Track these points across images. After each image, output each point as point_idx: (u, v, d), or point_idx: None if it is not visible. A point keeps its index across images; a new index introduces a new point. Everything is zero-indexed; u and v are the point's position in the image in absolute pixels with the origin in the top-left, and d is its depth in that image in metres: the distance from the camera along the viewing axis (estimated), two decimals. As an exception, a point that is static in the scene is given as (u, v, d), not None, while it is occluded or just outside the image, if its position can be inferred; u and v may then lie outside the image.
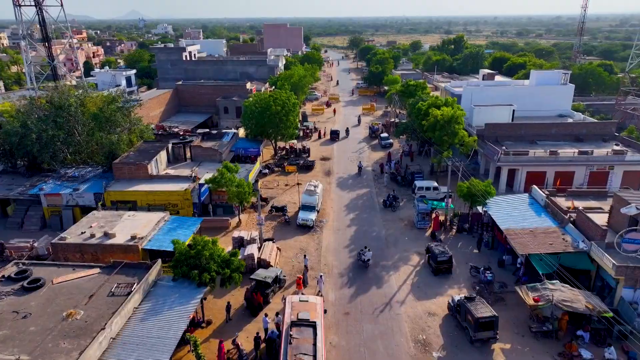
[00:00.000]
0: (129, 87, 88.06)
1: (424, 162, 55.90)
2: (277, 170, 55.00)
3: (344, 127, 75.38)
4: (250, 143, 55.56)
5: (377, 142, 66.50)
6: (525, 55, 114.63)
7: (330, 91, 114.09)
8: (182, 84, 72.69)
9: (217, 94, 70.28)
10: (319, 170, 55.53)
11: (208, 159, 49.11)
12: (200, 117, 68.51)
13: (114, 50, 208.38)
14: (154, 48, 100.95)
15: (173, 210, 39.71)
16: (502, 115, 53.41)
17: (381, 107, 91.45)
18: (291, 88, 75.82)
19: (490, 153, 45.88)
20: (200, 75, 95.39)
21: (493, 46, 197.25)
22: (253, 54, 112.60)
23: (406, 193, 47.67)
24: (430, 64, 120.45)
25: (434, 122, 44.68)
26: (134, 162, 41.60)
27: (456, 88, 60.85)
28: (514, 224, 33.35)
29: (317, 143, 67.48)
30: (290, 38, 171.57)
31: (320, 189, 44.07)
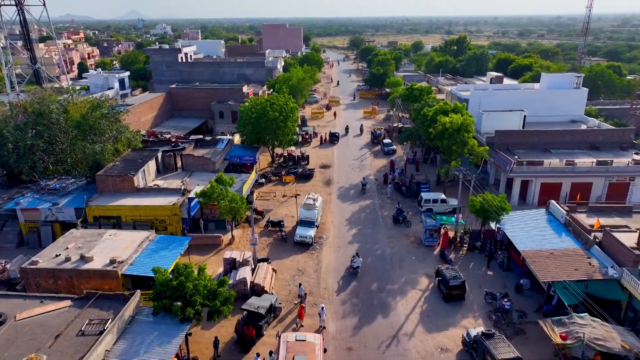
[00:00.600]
0: (122, 89, 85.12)
1: (430, 170, 52.89)
2: (274, 179, 51.99)
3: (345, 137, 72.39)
4: (246, 150, 52.54)
5: (380, 149, 63.47)
6: (531, 57, 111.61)
7: (331, 93, 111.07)
8: (175, 87, 69.71)
9: (212, 98, 67.29)
10: (319, 179, 52.51)
11: (200, 168, 46.11)
12: (194, 122, 65.50)
13: (111, 51, 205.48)
14: (149, 49, 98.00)
15: (161, 226, 36.76)
16: (512, 121, 50.41)
17: (383, 111, 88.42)
18: (290, 91, 72.95)
19: (502, 163, 42.87)
20: (196, 78, 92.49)
21: (495, 47, 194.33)
22: (251, 56, 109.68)
23: (411, 205, 44.65)
24: (433, 66, 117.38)
25: (441, 130, 41.67)
26: (118, 174, 38.57)
27: (463, 92, 57.85)
28: (533, 244, 30.35)
29: (317, 149, 64.45)
30: (290, 38, 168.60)
31: (320, 202, 41.06)
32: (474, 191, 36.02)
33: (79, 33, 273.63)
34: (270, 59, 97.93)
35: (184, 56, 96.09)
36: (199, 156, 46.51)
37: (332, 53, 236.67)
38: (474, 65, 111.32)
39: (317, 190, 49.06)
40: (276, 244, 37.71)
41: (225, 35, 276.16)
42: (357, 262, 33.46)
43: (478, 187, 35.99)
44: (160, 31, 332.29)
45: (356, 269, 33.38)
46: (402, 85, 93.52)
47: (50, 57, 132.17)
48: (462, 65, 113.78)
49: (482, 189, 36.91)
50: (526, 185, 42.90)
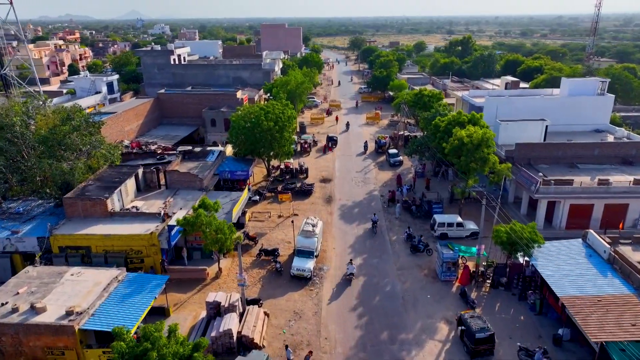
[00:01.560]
0: (110, 93, 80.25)
1: (441, 186, 48.00)
2: (269, 195, 47.09)
3: (346, 138, 67.52)
4: (239, 164, 47.66)
5: (385, 159, 58.58)
6: (541, 58, 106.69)
7: (331, 96, 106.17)
8: (164, 92, 64.83)
9: (203, 104, 62.40)
10: (319, 195, 47.61)
11: (186, 185, 41.22)
12: (184, 130, 60.59)
13: (106, 52, 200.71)
14: (139, 51, 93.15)
15: (137, 258, 31.88)
16: (533, 132, 45.53)
17: (386, 115, 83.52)
18: (288, 96, 68.09)
19: (526, 182, 37.97)
20: (190, 81, 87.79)
21: (499, 47, 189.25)
22: (248, 57, 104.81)
23: (422, 228, 39.78)
24: (438, 67, 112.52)
25: (458, 146, 36.75)
26: (89, 197, 33.67)
27: (477, 99, 52.91)
28: (573, 287, 25.49)
29: (317, 159, 59.52)
30: (289, 39, 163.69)
31: (320, 228, 36.16)
32: (498, 219, 31.11)
33: (74, 33, 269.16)
34: (267, 60, 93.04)
35: (177, 58, 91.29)
36: (185, 172, 41.62)
37: (332, 53, 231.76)
38: (481, 67, 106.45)
39: (317, 209, 44.22)
40: (269, 278, 32.83)
41: (224, 35, 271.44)
42: (351, 269, 32.73)
43: (503, 213, 31.09)
44: (158, 31, 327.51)
45: (350, 276, 32.61)
46: (407, 88, 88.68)
47: (40, 59, 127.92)
48: (468, 67, 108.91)
49: (506, 215, 32.07)
50: (552, 207, 38.01)
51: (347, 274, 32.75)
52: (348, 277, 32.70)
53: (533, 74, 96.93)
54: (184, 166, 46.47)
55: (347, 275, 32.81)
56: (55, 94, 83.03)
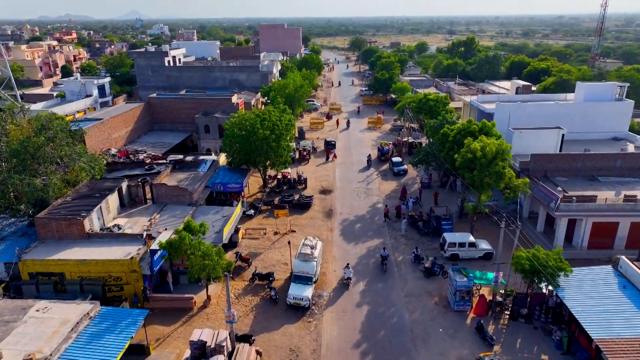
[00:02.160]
0: (102, 97, 77.14)
1: (450, 198, 44.84)
2: (265, 209, 43.89)
3: (347, 144, 64.37)
4: (233, 175, 44.48)
5: (388, 167, 55.38)
6: (547, 60, 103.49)
7: (331, 99, 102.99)
8: (156, 96, 61.59)
9: (197, 109, 59.21)
10: (318, 208, 44.43)
11: (175, 200, 38.08)
12: (176, 136, 57.39)
13: (103, 52, 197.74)
14: (133, 52, 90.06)
15: (116, 286, 28.74)
16: (548, 141, 42.38)
17: (388, 119, 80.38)
18: (286, 100, 64.98)
19: (544, 197, 34.78)
20: (185, 83, 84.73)
21: (502, 48, 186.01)
22: (245, 59, 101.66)
23: (431, 247, 36.63)
24: (441, 69, 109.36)
25: (470, 159, 33.56)
26: (64, 217, 30.52)
27: (486, 104, 49.68)
28: (607, 326, 22.36)
29: (317, 167, 56.33)
30: (288, 39, 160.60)
31: (319, 249, 32.95)
32: (518, 243, 27.92)
33: (71, 33, 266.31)
34: (265, 62, 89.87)
35: (172, 60, 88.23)
36: (173, 186, 38.43)
37: (332, 54, 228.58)
38: (485, 68, 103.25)
39: (316, 224, 41.04)
40: (263, 307, 29.64)
41: (223, 35, 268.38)
42: (348, 273, 32.24)
43: (523, 237, 27.90)
44: (157, 31, 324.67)
45: (347, 281, 32.05)
46: (410, 91, 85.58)
47: (32, 60, 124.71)
48: (472, 69, 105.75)
49: (526, 237, 28.88)
50: (573, 224, 34.84)
51: (345, 279, 32.22)
52: (345, 282, 32.13)
53: (540, 76, 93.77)
54: (174, 177, 43.43)
55: (344, 279, 32.26)
56: (45, 97, 79.93)
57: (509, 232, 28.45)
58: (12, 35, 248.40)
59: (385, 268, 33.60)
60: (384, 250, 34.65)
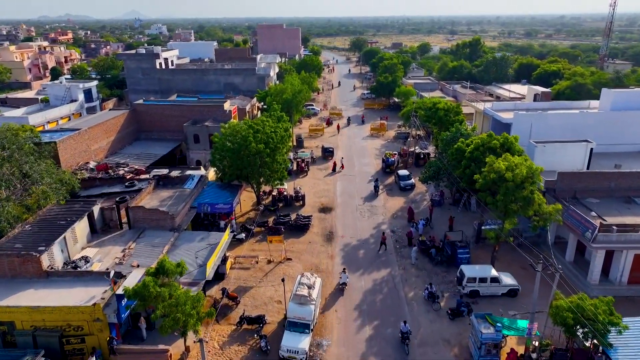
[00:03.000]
0: (88, 101, 72.87)
1: (464, 217, 40.27)
2: (258, 231, 39.32)
3: (348, 153, 59.82)
4: (222, 193, 39.94)
5: (394, 181, 50.82)
6: (557, 62, 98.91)
7: (332, 102, 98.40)
8: (142, 103, 56.98)
9: (186, 117, 54.62)
10: (317, 230, 39.87)
11: (155, 225, 33.56)
12: (164, 147, 52.79)
13: (98, 53, 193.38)
14: (122, 54, 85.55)
15: (76, 337, 24.19)
16: (576, 156, 37.83)
17: (392, 125, 75.79)
18: (283, 106, 60.49)
19: (578, 226, 30.23)
20: (177, 87, 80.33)
21: (507, 48, 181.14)
22: (242, 61, 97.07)
23: (446, 279, 32.10)
24: (446, 71, 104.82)
25: (493, 180, 28.99)
26: (17, 252, 25.98)
27: (502, 113, 45.08)
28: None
29: (316, 180, 51.78)
30: (287, 40, 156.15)
31: (318, 288, 28.36)
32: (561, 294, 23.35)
33: (67, 33, 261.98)
34: (262, 65, 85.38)
35: (164, 62, 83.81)
36: (152, 209, 33.87)
37: (332, 54, 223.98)
38: (492, 71, 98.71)
39: (315, 250, 36.50)
40: (252, 359, 25.10)
41: (221, 36, 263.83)
42: (344, 278, 31.59)
43: (564, 282, 23.30)
44: (155, 31, 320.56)
45: (342, 286, 31.37)
46: (415, 95, 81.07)
47: (21, 61, 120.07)
48: (479, 71, 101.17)
49: (566, 281, 24.31)
50: (610, 256, 30.30)
51: (340, 284, 31.52)
52: (341, 287, 31.43)
53: (550, 79, 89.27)
54: (157, 195, 38.94)
55: (339, 284, 31.55)
56: (30, 101, 75.46)
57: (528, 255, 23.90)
58: (7, 36, 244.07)
59: (408, 349, 25.32)
60: (404, 325, 25.94)
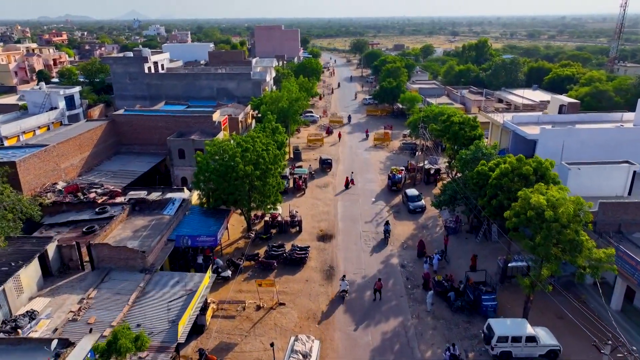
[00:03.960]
0: (70, 109, 67.76)
1: (484, 251, 34.98)
2: (247, 265, 34.06)
3: (350, 167, 54.58)
4: (206, 221, 34.69)
5: (401, 201, 45.56)
6: (570, 65, 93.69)
7: (332, 108, 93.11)
8: (122, 113, 51.65)
9: (171, 129, 49.39)
10: (315, 264, 34.57)
11: (123, 264, 28.33)
12: (145, 162, 47.52)
13: (92, 55, 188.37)
14: (108, 58, 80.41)
15: None
16: (616, 180, 32.63)
17: (397, 134, 70.61)
18: (279, 116, 55.41)
19: (634, 273, 24.95)
20: (167, 93, 75.36)
21: (512, 50, 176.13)
22: (236, 64, 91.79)
23: (469, 332, 26.83)
24: (452, 75, 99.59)
25: (529, 218, 23.70)
26: (-63, 316, 20.73)
27: (525, 128, 39.82)
28: None
29: (316, 201, 46.54)
30: (286, 41, 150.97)
31: (316, 355, 23.05)
32: None
33: (61, 34, 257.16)
34: (258, 69, 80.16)
35: (153, 66, 78.64)
36: (119, 247, 28.60)
37: (331, 56, 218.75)
38: (501, 75, 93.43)
39: (313, 290, 31.22)
40: None
41: (219, 37, 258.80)
42: (343, 285, 30.55)
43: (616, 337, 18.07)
44: (153, 32, 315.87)
45: (343, 294, 30.36)
46: (421, 101, 75.87)
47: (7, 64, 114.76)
48: (487, 75, 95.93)
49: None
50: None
51: (340, 291, 30.52)
52: (341, 295, 30.39)
53: (564, 84, 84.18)
54: (131, 224, 33.82)
55: (340, 292, 30.53)
56: (10, 108, 70.43)
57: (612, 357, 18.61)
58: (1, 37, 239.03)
59: None
60: None
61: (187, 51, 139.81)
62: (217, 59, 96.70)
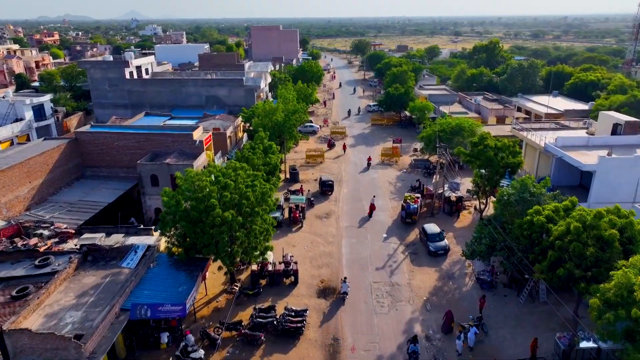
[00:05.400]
0: (40, 119, 60.25)
1: (531, 317, 27.21)
2: (226, 337, 26.27)
3: (354, 191, 46.87)
4: (177, 276, 26.99)
5: (418, 238, 37.80)
6: (593, 69, 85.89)
7: (333, 115, 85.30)
8: (86, 131, 43.68)
9: (144, 149, 41.66)
10: (314, 336, 26.75)
11: (51, 357, 20.63)
12: (112, 190, 39.80)
13: (83, 56, 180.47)
14: (84, 62, 72.58)
15: None
16: None
17: (406, 146, 62.89)
18: (273, 131, 47.93)
19: None
20: (151, 101, 67.91)
21: (520, 52, 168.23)
22: (229, 68, 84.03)
23: None
24: (464, 80, 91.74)
25: (620, 302, 16.01)
26: None
27: (577, 155, 32.06)
28: None
29: (315, 238, 38.79)
30: (284, 43, 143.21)
31: None
32: None
33: (53, 35, 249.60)
34: (251, 74, 72.45)
35: (135, 71, 70.97)
36: (45, 334, 20.87)
37: (331, 57, 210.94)
38: (518, 80, 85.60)
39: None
40: None
41: (217, 37, 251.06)
42: (344, 287, 29.43)
43: None
44: (149, 32, 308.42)
45: (344, 295, 29.26)
46: (432, 110, 68.19)
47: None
48: (502, 80, 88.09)
49: None
50: None
51: (341, 293, 29.71)
52: (342, 296, 29.58)
53: (588, 91, 76.57)
54: (77, 284, 26.29)
55: (340, 294, 29.77)
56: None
57: None
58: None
59: None
60: None
61: (180, 52, 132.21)
62: (207, 63, 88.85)
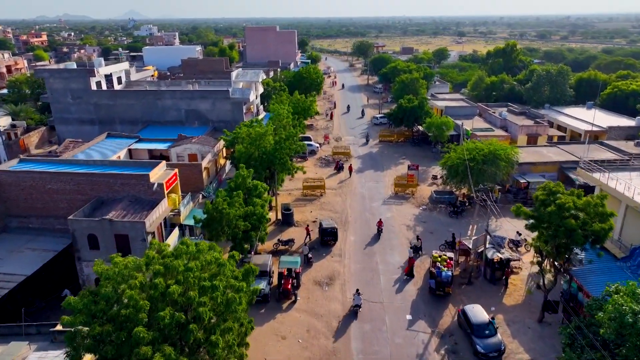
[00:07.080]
0: (-17, 140, 49.75)
1: None
2: None
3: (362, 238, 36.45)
4: None
5: (456, 322, 27.37)
6: (631, 77, 75.46)
7: (334, 129, 74.82)
8: (10, 170, 33.08)
9: (86, 193, 31.16)
10: None
11: None
12: (42, 250, 29.36)
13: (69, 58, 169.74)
14: (41, 69, 61.75)
15: None
16: None
17: (422, 171, 52.45)
18: (261, 161, 37.64)
19: None
20: (122, 115, 57.86)
21: (532, 54, 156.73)
22: (216, 74, 73.43)
23: None
24: (483, 88, 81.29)
25: None
26: None
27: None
28: None
29: (311, 314, 28.38)
30: (281, 45, 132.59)
31: None
32: None
33: (41, 35, 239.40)
34: (239, 85, 61.81)
35: (104, 80, 60.45)
36: None
37: (332, 59, 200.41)
38: (545, 89, 75.21)
39: None
40: None
41: (212, 38, 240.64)
42: (357, 300, 28.14)
43: None
44: (145, 32, 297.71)
45: (356, 308, 28.00)
46: (452, 127, 57.77)
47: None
48: (526, 89, 77.69)
49: None
50: None
51: (353, 306, 28.00)
52: (354, 309, 27.91)
53: (629, 102, 66.33)
54: None
55: (353, 306, 28.08)
56: None
57: None
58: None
59: None
60: None
61: (170, 55, 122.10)
62: (192, 69, 78.16)
